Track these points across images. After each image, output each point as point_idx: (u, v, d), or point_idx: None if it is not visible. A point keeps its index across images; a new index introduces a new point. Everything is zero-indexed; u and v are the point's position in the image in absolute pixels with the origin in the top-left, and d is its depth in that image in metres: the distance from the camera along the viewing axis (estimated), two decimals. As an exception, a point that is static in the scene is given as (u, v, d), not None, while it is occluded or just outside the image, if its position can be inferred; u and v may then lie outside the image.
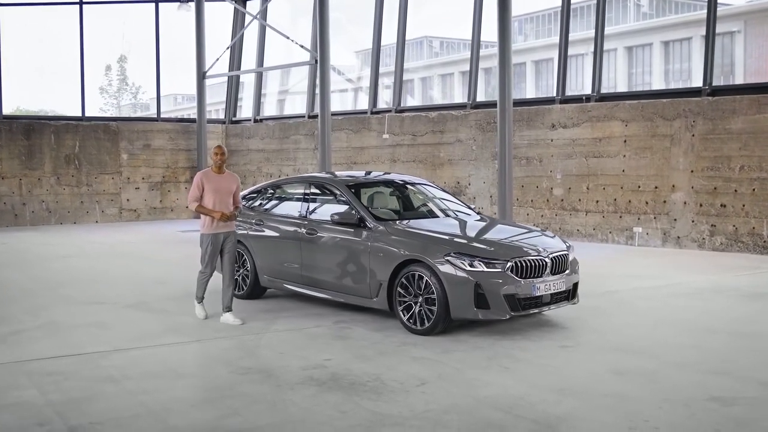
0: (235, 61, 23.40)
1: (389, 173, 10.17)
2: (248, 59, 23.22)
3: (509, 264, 7.48)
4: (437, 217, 8.99)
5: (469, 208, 9.40)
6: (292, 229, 9.02)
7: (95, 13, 22.08)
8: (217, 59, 21.78)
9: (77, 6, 21.11)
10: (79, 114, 21.34)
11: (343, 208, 8.58)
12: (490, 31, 16.17)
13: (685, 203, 14.15)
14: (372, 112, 19.88)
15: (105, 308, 9.13)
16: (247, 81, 23.90)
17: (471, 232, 8.38)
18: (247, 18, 22.14)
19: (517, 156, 16.49)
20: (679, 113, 14.26)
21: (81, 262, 13.20)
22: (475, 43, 17.70)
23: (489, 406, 5.48)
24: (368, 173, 10.32)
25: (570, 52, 16.86)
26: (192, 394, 5.86)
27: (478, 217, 9.10)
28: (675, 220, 14.30)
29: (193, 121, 22.72)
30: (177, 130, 22.57)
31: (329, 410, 5.41)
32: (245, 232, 9.49)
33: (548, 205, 16.14)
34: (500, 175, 15.03)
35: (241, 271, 9.54)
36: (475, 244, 7.81)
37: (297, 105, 24.36)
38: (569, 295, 8.01)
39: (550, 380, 6.11)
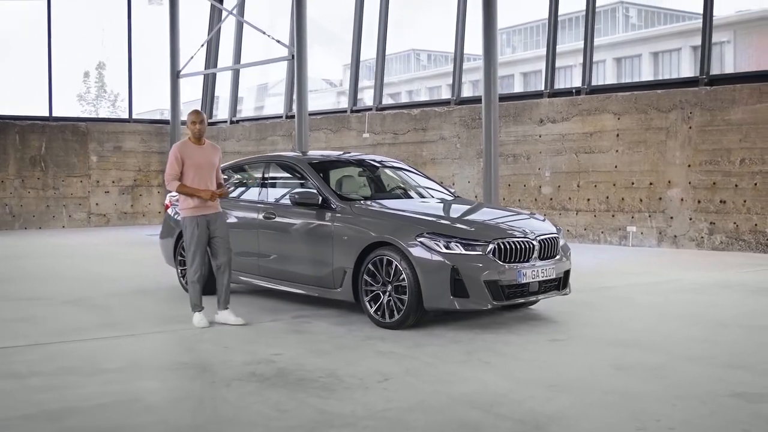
0: (212, 59, 22.43)
1: (363, 154, 9.10)
2: (225, 58, 22.27)
3: (491, 246, 6.50)
4: (412, 198, 8.02)
5: (449, 192, 8.42)
6: (248, 214, 8.03)
7: (72, 16, 21.13)
8: (192, 57, 20.77)
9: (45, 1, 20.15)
10: (47, 114, 20.30)
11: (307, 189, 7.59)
12: (475, 45, 15.28)
13: (682, 200, 13.24)
14: (352, 111, 18.95)
15: (40, 304, 8.11)
16: (224, 81, 22.90)
17: (449, 213, 7.38)
18: (223, 14, 21.22)
19: (504, 153, 15.57)
20: (674, 104, 13.37)
21: (32, 261, 12.16)
22: (459, 35, 16.80)
23: (464, 404, 4.49)
24: (342, 153, 9.25)
25: (558, 63, 15.99)
26: (105, 391, 4.84)
27: (460, 200, 8.14)
28: (671, 218, 13.37)
29: (166, 122, 21.69)
30: (149, 132, 21.55)
31: (267, 409, 4.41)
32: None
33: (536, 204, 15.20)
34: (485, 173, 14.07)
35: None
36: (452, 224, 6.83)
37: (276, 105, 23.41)
38: (560, 284, 7.04)
39: (538, 375, 5.13)
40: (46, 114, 20.23)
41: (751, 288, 8.85)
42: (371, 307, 6.76)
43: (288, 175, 8.02)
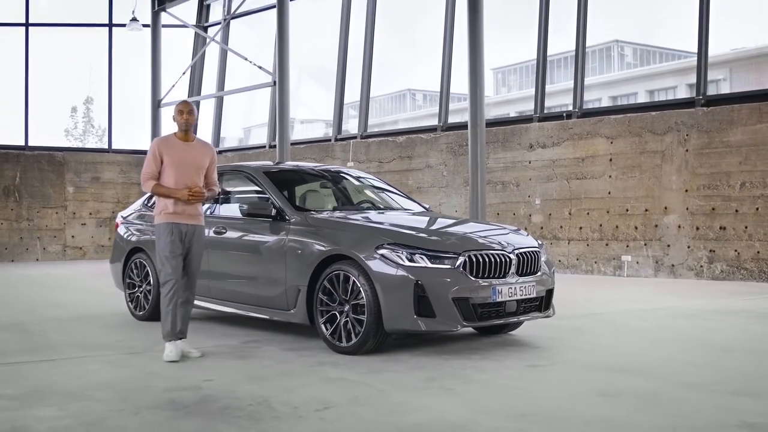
0: (195, 87, 21.81)
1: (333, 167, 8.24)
2: (209, 87, 21.65)
3: (461, 259, 5.70)
4: (381, 211, 7.22)
5: (423, 207, 7.64)
6: (198, 229, 7.23)
7: (59, 52, 20.55)
8: (173, 86, 20.19)
9: (23, 28, 19.58)
10: (22, 143, 19.59)
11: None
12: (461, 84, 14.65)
13: (679, 227, 12.46)
14: (336, 139, 18.26)
15: (-33, 330, 7.28)
16: (208, 110, 22.20)
17: (417, 224, 6.58)
18: (197, 39, 20.63)
19: (492, 181, 14.85)
20: (670, 126, 12.67)
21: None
22: (447, 53, 16.16)
23: (414, 436, 3.67)
24: (309, 165, 8.41)
25: (550, 103, 15.33)
26: (-12, 422, 4.02)
27: (433, 214, 7.37)
28: (668, 246, 12.58)
29: (146, 152, 20.95)
30: (129, 162, 20.81)
31: (168, 441, 3.59)
32: (147, 237, 7.72)
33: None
34: (472, 201, 13.36)
35: (143, 286, 7.74)
36: (417, 234, 6.03)
37: (261, 135, 22.74)
38: (542, 304, 6.22)
39: (509, 404, 4.31)
40: (22, 143, 19.53)
41: (756, 314, 8.03)
42: (326, 330, 5.94)
43: (244, 187, 7.24)
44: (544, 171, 14.21)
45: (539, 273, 6.20)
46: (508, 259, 5.90)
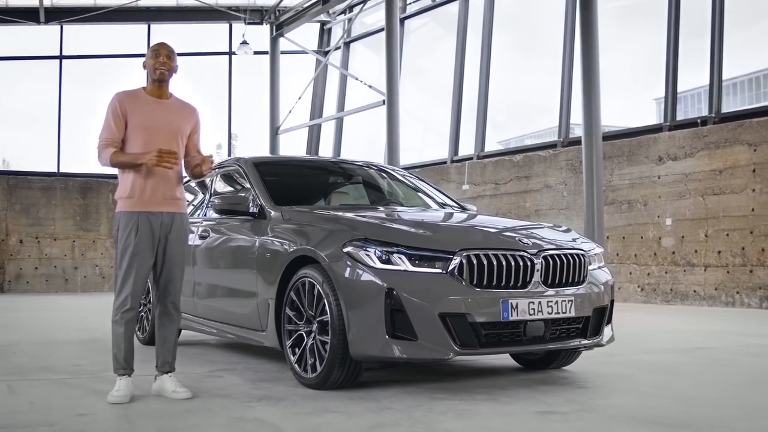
0: (316, 111, 21.15)
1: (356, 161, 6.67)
2: (330, 110, 20.92)
3: (456, 260, 4.16)
4: (394, 207, 5.76)
5: (459, 205, 6.11)
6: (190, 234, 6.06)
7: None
8: (290, 112, 19.57)
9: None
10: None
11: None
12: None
13: (842, 249, 10.10)
14: (452, 161, 16.87)
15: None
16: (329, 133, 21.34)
17: (416, 218, 5.00)
18: (319, 64, 19.94)
19: (616, 200, 12.94)
20: (828, 127, 10.38)
21: (20, 314, 10.69)
22: (567, 62, 14.45)
23: None
24: (323, 158, 6.91)
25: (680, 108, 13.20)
26: None
27: (464, 211, 5.82)
28: (829, 272, 10.23)
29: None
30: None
31: None
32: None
33: (656, 259, 12.35)
34: (587, 223, 11.60)
35: (147, 304, 6.65)
36: (398, 227, 4.51)
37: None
38: (585, 327, 4.53)
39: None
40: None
41: None
42: (293, 356, 4.55)
43: (237, 185, 5.99)
44: (675, 187, 12.16)
45: (584, 284, 4.54)
46: (528, 263, 4.29)
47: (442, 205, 6.04)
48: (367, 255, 4.15)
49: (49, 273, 17.99)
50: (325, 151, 20.94)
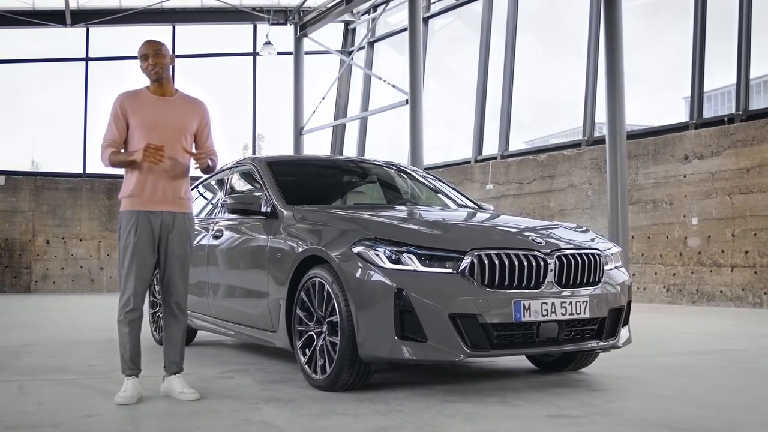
0: (341, 111, 21.13)
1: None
2: (354, 110, 20.90)
3: (468, 260, 4.09)
4: (411, 207, 5.70)
5: (477, 205, 6.02)
6: (201, 235, 6.05)
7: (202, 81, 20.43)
8: (313, 112, 19.55)
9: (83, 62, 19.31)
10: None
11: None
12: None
13: None
14: (476, 160, 16.76)
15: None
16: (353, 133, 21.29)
17: (425, 216, 4.97)
18: (343, 64, 19.93)
19: (642, 199, 12.77)
20: None
21: (38, 313, 10.82)
22: (591, 60, 14.28)
23: None
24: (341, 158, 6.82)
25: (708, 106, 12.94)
26: None
27: (484, 211, 5.73)
28: None
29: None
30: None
31: None
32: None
33: (681, 259, 12.16)
34: (611, 223, 11.43)
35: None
36: (409, 226, 4.46)
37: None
38: (600, 329, 4.43)
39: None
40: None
41: None
42: (303, 357, 4.51)
43: (252, 184, 5.95)
44: (701, 186, 11.97)
45: (599, 284, 4.44)
46: (542, 263, 4.21)
47: (460, 206, 5.95)
48: (377, 255, 4.10)
49: (75, 273, 18.11)
50: (350, 151, 20.92)
